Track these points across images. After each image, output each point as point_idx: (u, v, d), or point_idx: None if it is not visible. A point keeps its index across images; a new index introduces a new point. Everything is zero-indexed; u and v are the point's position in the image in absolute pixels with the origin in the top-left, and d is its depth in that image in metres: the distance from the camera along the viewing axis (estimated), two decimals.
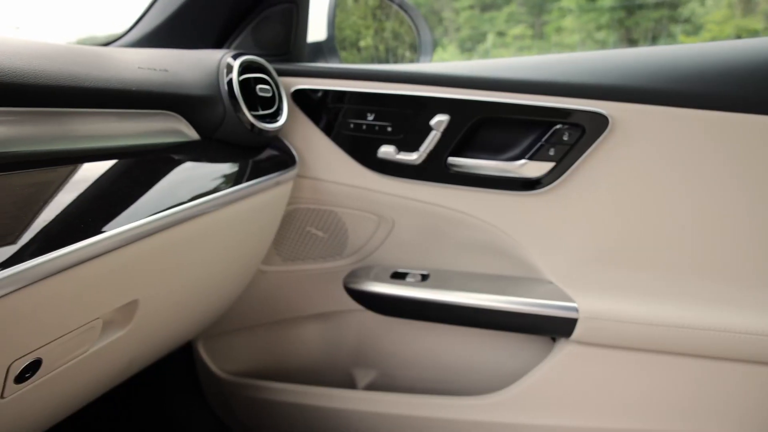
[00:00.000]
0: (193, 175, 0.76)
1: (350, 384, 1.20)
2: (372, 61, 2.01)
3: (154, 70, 0.78)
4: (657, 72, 0.89)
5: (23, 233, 0.50)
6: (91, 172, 0.63)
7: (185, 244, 0.73)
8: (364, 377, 1.19)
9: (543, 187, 0.95)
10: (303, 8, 1.04)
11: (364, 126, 0.97)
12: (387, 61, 1.97)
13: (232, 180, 0.79)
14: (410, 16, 1.38)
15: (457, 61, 1.03)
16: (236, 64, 0.85)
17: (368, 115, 0.97)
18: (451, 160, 0.96)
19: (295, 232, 1.09)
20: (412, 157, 0.96)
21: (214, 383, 1.23)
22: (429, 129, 0.95)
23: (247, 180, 0.82)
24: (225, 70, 0.84)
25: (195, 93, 0.81)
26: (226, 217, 0.79)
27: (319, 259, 1.13)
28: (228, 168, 0.82)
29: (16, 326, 0.52)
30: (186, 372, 1.28)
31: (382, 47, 1.98)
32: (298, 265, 1.13)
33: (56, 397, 0.67)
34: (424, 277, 1.03)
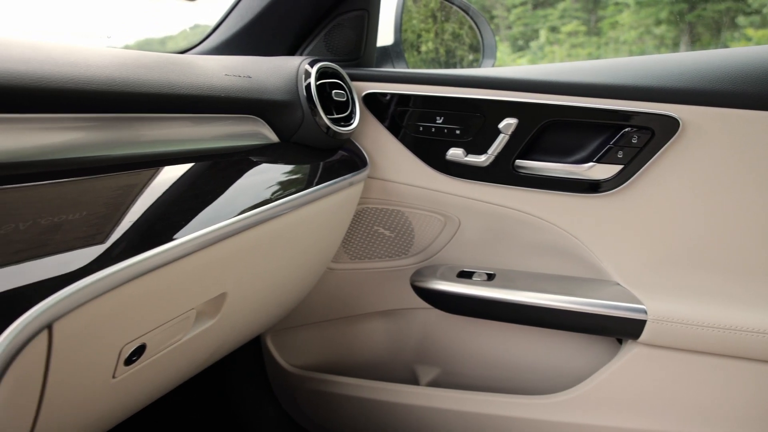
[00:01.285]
0: (275, 176, 0.80)
1: (413, 380, 1.23)
2: (432, 62, 2.03)
3: (239, 77, 0.83)
4: (728, 74, 0.88)
5: (121, 231, 0.55)
6: (182, 173, 0.68)
7: (269, 241, 0.77)
8: (426, 374, 1.22)
9: (610, 189, 0.95)
10: (374, 15, 1.08)
11: (433, 129, 1.00)
12: (447, 63, 1.98)
13: (311, 181, 0.84)
14: (474, 21, 1.40)
15: (525, 65, 1.04)
16: (314, 71, 0.89)
17: (437, 118, 0.99)
18: (519, 162, 0.98)
19: (364, 231, 1.13)
20: (480, 160, 0.98)
21: (280, 376, 1.29)
22: (497, 132, 0.96)
23: (324, 181, 0.86)
24: (303, 76, 0.88)
25: (276, 98, 0.85)
26: (304, 216, 0.83)
27: (386, 257, 1.16)
28: (306, 169, 0.87)
29: (128, 314, 0.57)
30: (254, 365, 1.34)
31: (442, 49, 1.99)
32: (365, 263, 1.17)
33: (154, 379, 0.73)
34: (490, 277, 1.05)
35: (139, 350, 0.63)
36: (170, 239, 0.58)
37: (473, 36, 1.56)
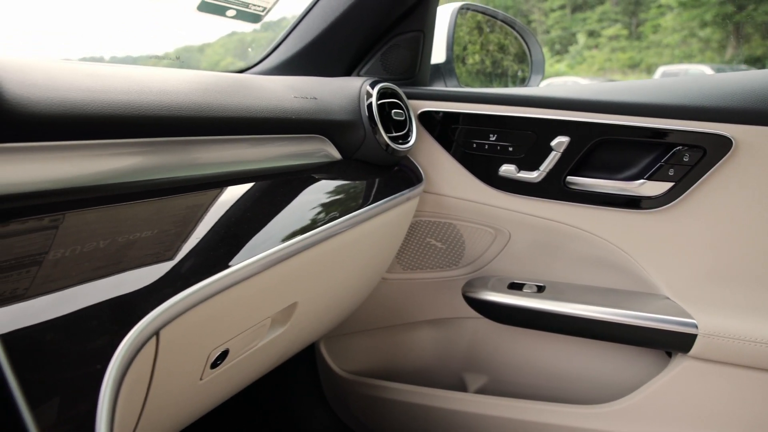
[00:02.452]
0: (341, 193, 0.86)
1: (461, 387, 1.26)
2: (478, 74, 2.06)
3: (306, 98, 0.89)
4: None
5: (210, 245, 0.61)
6: (256, 191, 0.74)
7: (335, 253, 0.82)
8: (475, 381, 1.25)
9: (661, 206, 0.97)
10: (429, 36, 1.13)
11: (486, 146, 1.04)
12: (493, 73, 2.01)
13: (373, 196, 0.88)
14: (522, 36, 1.43)
15: (578, 85, 1.07)
16: (375, 92, 0.94)
17: (491, 135, 1.03)
18: (570, 178, 1.01)
19: (416, 242, 1.18)
20: (532, 176, 1.02)
21: (333, 381, 1.34)
22: (549, 149, 1.00)
23: (385, 196, 0.90)
24: (365, 97, 0.94)
25: (340, 118, 0.91)
26: (366, 230, 0.88)
27: (437, 268, 1.20)
28: (368, 186, 0.92)
29: (217, 322, 0.63)
30: (307, 370, 1.39)
31: (488, 60, 2.02)
32: (417, 273, 1.21)
33: (231, 381, 0.79)
34: (540, 289, 1.08)
35: (223, 355, 0.68)
36: (254, 254, 0.64)
37: (518, 46, 1.59)
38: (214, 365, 0.68)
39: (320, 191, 0.83)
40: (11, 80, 0.52)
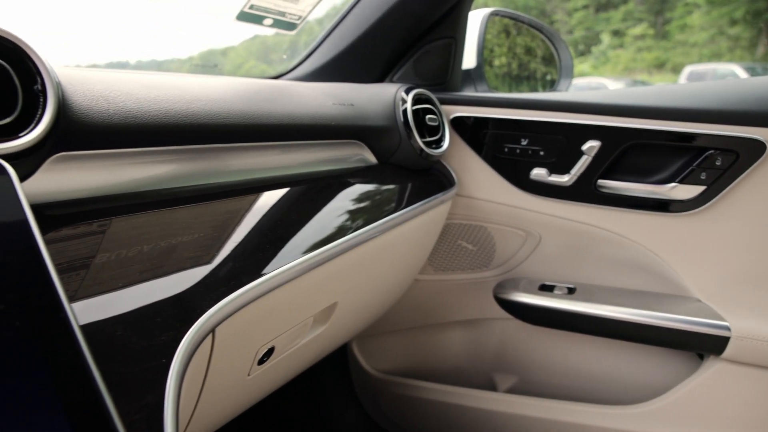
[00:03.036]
0: (378, 196, 0.88)
1: (491, 387, 1.28)
2: (505, 76, 2.07)
3: (343, 105, 0.92)
4: None
5: (257, 247, 0.64)
6: (297, 195, 0.77)
7: (373, 255, 0.85)
8: (504, 381, 1.27)
9: (693, 209, 0.98)
10: (460, 42, 1.15)
11: (518, 150, 1.06)
12: (519, 76, 2.02)
13: (409, 200, 0.91)
14: (551, 41, 1.45)
15: (609, 89, 1.08)
16: (409, 98, 0.97)
17: (522, 140, 1.05)
18: (601, 182, 1.02)
19: (448, 244, 1.20)
20: (563, 179, 1.03)
21: (365, 379, 1.37)
22: (580, 153, 1.01)
23: (419, 200, 0.93)
24: (400, 103, 0.96)
25: (377, 124, 0.94)
26: (402, 232, 0.90)
27: (468, 270, 1.22)
28: (404, 189, 0.94)
29: (265, 320, 0.66)
30: (339, 368, 1.42)
31: (515, 63, 2.04)
32: (448, 274, 1.23)
33: (274, 377, 0.83)
34: (571, 290, 1.09)
35: (269, 352, 0.72)
36: (299, 256, 0.67)
37: (545, 48, 1.60)
38: (260, 362, 0.71)
39: (359, 195, 0.86)
40: (77, 92, 0.55)
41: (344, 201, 0.82)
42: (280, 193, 0.75)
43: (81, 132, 0.55)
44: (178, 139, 0.65)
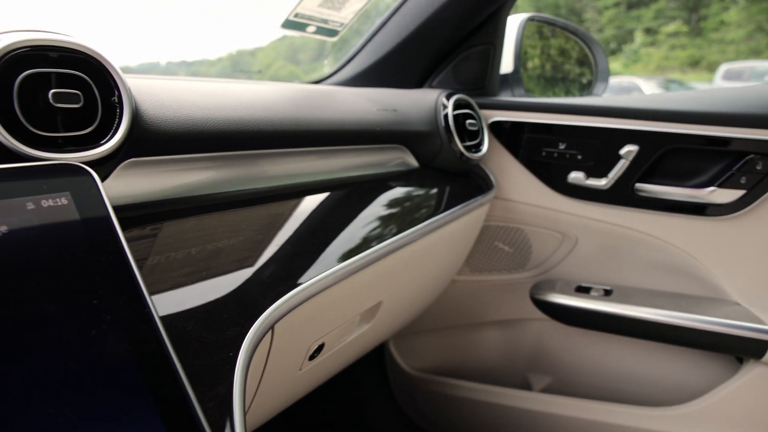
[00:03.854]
0: (420, 199, 0.92)
1: (525, 387, 1.30)
2: (539, 78, 2.08)
3: (387, 110, 0.95)
4: None
5: (310, 249, 0.68)
6: (342, 198, 0.81)
7: (416, 256, 0.88)
8: (539, 381, 1.29)
9: (732, 213, 0.99)
10: (499, 48, 1.17)
11: (555, 154, 1.08)
12: (554, 78, 2.03)
13: (450, 202, 0.94)
14: (587, 44, 1.46)
15: (646, 94, 1.09)
16: (450, 103, 1.00)
17: (560, 144, 1.07)
18: (639, 185, 1.03)
19: (485, 246, 1.22)
20: (601, 183, 1.05)
21: (401, 378, 1.40)
22: (618, 157, 1.03)
23: (460, 202, 0.96)
24: (441, 108, 0.99)
25: (419, 129, 0.97)
26: (443, 233, 0.93)
27: (504, 271, 1.24)
28: (445, 192, 0.97)
29: (317, 318, 0.70)
30: (376, 366, 1.46)
31: (548, 65, 2.04)
32: (484, 275, 1.26)
33: (322, 372, 0.86)
34: (607, 292, 1.11)
35: (320, 348, 0.75)
36: (350, 256, 0.70)
37: (579, 50, 1.61)
38: (311, 357, 0.75)
39: (403, 198, 0.89)
40: (145, 102, 0.60)
41: (389, 204, 0.85)
42: (328, 196, 0.79)
43: (149, 140, 0.59)
44: (234, 145, 0.69)
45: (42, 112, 0.47)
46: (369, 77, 1.21)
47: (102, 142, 0.51)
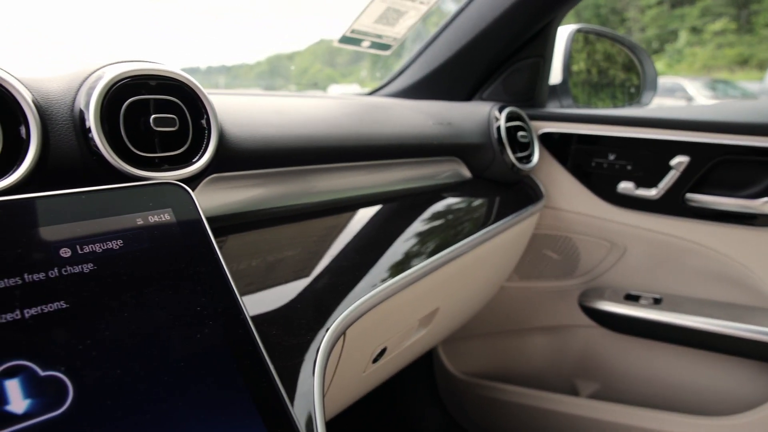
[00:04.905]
0: (475, 210, 0.95)
1: (572, 392, 1.32)
2: (583, 84, 2.09)
3: (442, 124, 0.99)
4: None
5: (375, 259, 0.72)
6: (401, 209, 0.85)
7: (471, 265, 0.92)
8: (586, 387, 1.31)
9: None
10: (548, 60, 1.20)
11: (605, 164, 1.10)
12: (599, 83, 2.03)
13: (503, 212, 0.97)
14: (634, 53, 1.47)
15: (697, 104, 1.10)
16: (502, 116, 1.03)
17: (609, 155, 1.09)
18: (689, 196, 1.05)
19: (533, 253, 1.25)
20: (651, 193, 1.07)
21: (449, 381, 1.44)
22: (668, 168, 1.04)
23: (512, 212, 0.99)
24: (494, 121, 1.03)
25: (472, 141, 1.00)
26: (496, 242, 0.97)
27: (552, 278, 1.27)
28: (498, 202, 1.01)
29: (382, 324, 0.74)
30: (424, 370, 1.50)
31: (594, 70, 2.04)
32: (532, 282, 1.29)
33: (382, 374, 0.91)
34: (657, 301, 1.12)
35: (382, 352, 0.80)
36: (412, 265, 0.74)
37: (625, 56, 1.61)
38: (375, 360, 0.79)
39: (457, 208, 0.93)
40: (226, 121, 0.65)
41: (446, 214, 0.90)
42: (387, 207, 0.83)
43: (230, 157, 0.64)
44: (302, 160, 0.74)
45: (143, 135, 0.52)
46: (420, 89, 1.25)
47: (194, 160, 0.56)
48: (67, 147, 0.48)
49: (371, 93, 1.38)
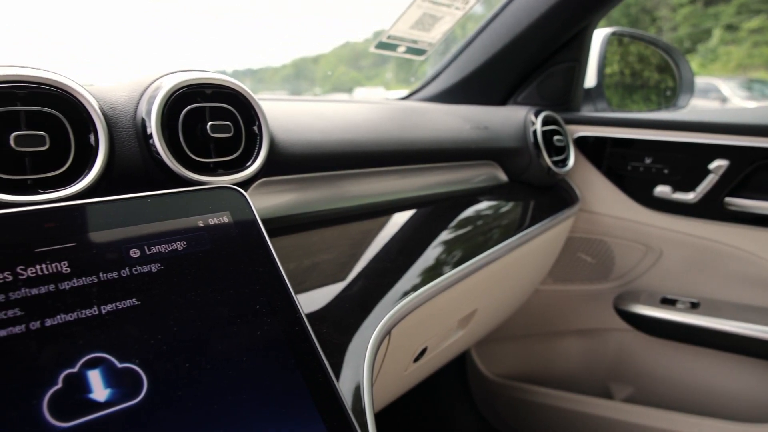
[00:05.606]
0: (511, 212, 0.96)
1: (606, 396, 1.32)
2: (616, 86, 2.07)
3: (479, 128, 1.00)
4: None
5: (416, 261, 0.74)
6: (439, 212, 0.86)
7: (507, 267, 0.93)
8: (621, 391, 1.30)
9: None
10: (583, 64, 1.20)
11: (641, 168, 1.10)
12: (632, 85, 2.01)
13: (539, 215, 0.98)
14: (670, 55, 1.46)
15: (736, 108, 1.09)
16: (538, 120, 1.04)
17: (646, 158, 1.09)
18: (728, 200, 1.04)
19: (568, 257, 1.25)
20: (689, 197, 1.06)
21: (482, 383, 1.44)
22: (707, 172, 1.04)
23: (548, 215, 1.00)
24: (530, 125, 1.04)
25: (509, 145, 1.01)
26: (532, 245, 0.98)
27: (586, 281, 1.27)
28: (534, 205, 1.02)
29: (424, 325, 0.76)
30: (457, 371, 1.51)
31: (627, 71, 2.02)
32: (566, 285, 1.29)
33: (421, 374, 0.92)
34: (694, 305, 1.12)
35: (423, 351, 0.81)
36: (453, 267, 0.76)
37: (660, 57, 1.60)
38: (416, 360, 0.81)
39: (495, 211, 0.94)
40: (274, 126, 0.67)
41: (484, 217, 0.91)
42: (427, 210, 0.85)
43: (278, 162, 0.66)
44: (344, 165, 0.76)
45: (199, 141, 0.54)
46: (455, 93, 1.26)
47: (247, 165, 0.58)
48: (130, 153, 0.51)
49: (406, 97, 1.39)
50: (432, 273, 0.73)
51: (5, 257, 0.36)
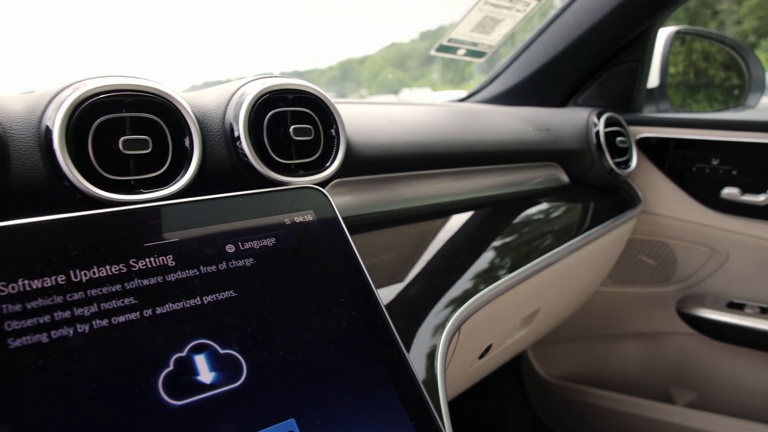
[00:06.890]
0: (574, 213, 0.97)
1: (666, 400, 1.29)
2: (679, 85, 2.02)
3: (541, 130, 1.01)
4: None
5: (485, 260, 0.75)
6: (504, 213, 0.87)
7: (570, 268, 0.93)
8: (683, 396, 1.28)
9: None
10: (646, 65, 1.19)
11: (707, 169, 1.08)
12: (697, 84, 1.95)
13: (602, 216, 0.98)
14: (739, 53, 1.41)
15: None
16: (601, 122, 1.03)
17: (712, 160, 1.07)
18: None
19: (628, 258, 1.24)
20: (759, 199, 1.03)
21: (538, 384, 1.44)
22: None
23: (610, 217, 0.99)
24: (593, 126, 1.03)
25: (571, 147, 1.01)
26: (595, 246, 0.97)
27: (647, 283, 1.25)
28: (596, 207, 1.01)
29: (490, 322, 0.78)
30: (514, 372, 1.51)
31: (691, 71, 1.97)
32: (626, 287, 1.27)
33: (484, 370, 0.94)
34: (764, 310, 1.08)
35: (488, 348, 0.83)
36: (518, 267, 0.77)
37: (725, 54, 1.55)
38: (481, 356, 0.83)
39: (558, 212, 0.95)
40: (348, 129, 0.70)
41: (547, 218, 0.91)
42: (491, 211, 0.86)
43: (351, 163, 0.69)
44: (412, 166, 0.79)
45: (282, 143, 0.57)
46: (514, 95, 1.27)
47: (326, 166, 0.61)
48: (219, 155, 0.54)
49: (464, 99, 1.41)
50: (498, 272, 0.74)
51: (120, 250, 0.39)
